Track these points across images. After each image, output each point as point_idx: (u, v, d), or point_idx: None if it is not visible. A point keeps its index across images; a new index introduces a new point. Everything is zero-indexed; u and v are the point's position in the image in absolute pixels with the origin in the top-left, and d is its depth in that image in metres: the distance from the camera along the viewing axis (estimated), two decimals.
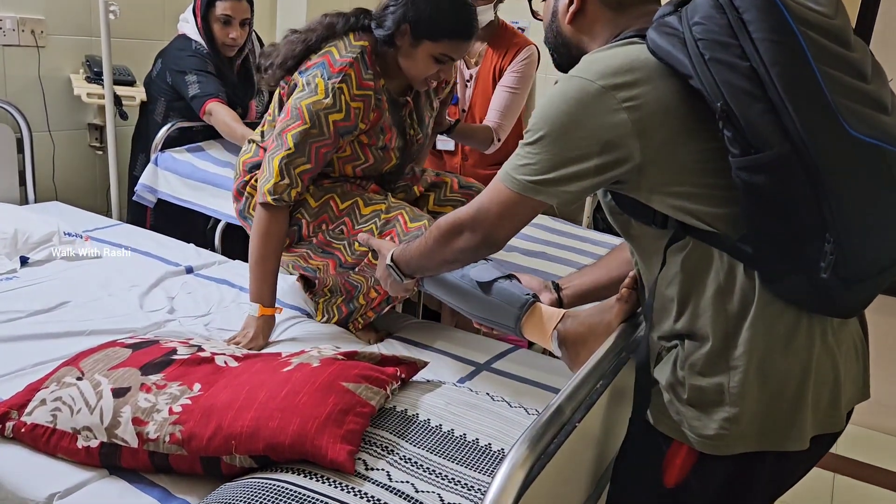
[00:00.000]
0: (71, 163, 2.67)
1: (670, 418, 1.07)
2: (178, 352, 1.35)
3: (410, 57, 1.64)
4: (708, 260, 1.02)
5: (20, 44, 2.42)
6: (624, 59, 1.00)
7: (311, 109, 1.60)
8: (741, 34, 0.91)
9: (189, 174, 2.35)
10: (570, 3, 1.13)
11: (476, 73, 2.34)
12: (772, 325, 1.00)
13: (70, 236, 2.10)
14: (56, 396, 1.23)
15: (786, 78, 0.89)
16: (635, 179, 1.01)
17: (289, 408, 1.14)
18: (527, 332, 1.38)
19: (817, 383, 1.03)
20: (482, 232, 1.13)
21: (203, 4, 2.36)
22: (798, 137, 0.88)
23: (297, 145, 1.61)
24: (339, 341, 1.70)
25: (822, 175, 0.89)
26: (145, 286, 1.88)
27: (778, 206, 0.93)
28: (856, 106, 0.92)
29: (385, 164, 1.77)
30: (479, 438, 1.22)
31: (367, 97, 1.65)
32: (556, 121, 1.01)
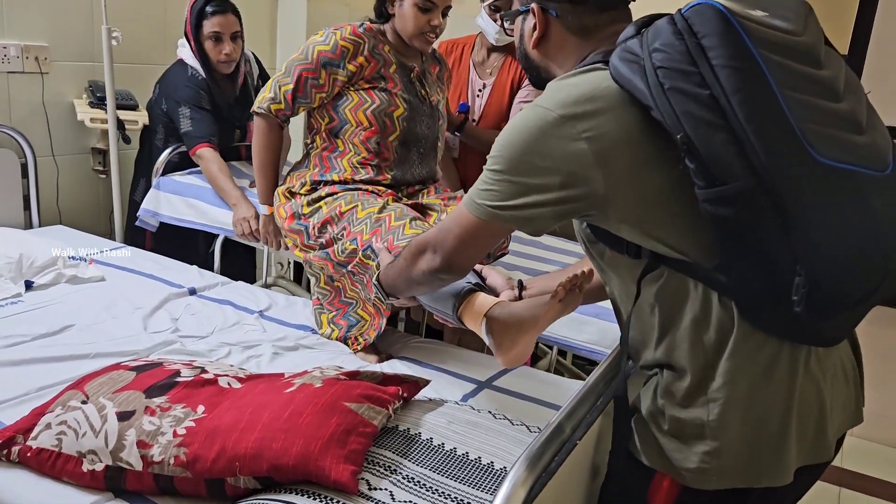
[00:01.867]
0: (74, 187, 2.69)
1: (653, 449, 1.04)
2: (181, 374, 1.36)
3: (401, 17, 1.89)
4: (683, 290, 0.99)
5: (24, 70, 2.46)
6: (585, 87, 0.98)
7: (306, 45, 1.91)
8: (700, 61, 0.88)
9: (192, 194, 2.37)
10: (534, 28, 1.11)
11: (492, 83, 2.38)
12: (751, 357, 0.97)
13: (74, 260, 2.11)
14: (61, 420, 1.24)
15: (747, 106, 0.86)
16: (601, 210, 0.99)
17: (292, 429, 1.15)
18: (465, 318, 1.40)
19: (801, 414, 0.99)
20: (442, 254, 1.13)
21: (193, 27, 2.39)
22: (762, 168, 0.85)
23: (287, 68, 1.91)
24: (343, 358, 1.71)
25: (789, 206, 0.85)
26: (149, 308, 1.90)
27: (746, 237, 0.90)
28: (825, 129, 0.88)
29: (392, 107, 1.92)
30: (481, 457, 1.23)
31: (357, 42, 1.89)
32: (517, 150, 1.00)
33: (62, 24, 2.55)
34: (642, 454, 1.05)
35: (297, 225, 1.91)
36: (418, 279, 1.22)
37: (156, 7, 2.82)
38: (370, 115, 1.89)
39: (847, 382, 1.06)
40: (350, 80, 1.89)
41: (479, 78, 2.43)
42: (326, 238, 1.83)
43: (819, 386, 1.01)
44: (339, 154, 1.92)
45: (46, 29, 2.51)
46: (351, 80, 1.89)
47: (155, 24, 2.81)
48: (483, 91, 2.42)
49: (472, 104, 2.43)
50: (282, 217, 1.96)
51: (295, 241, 1.93)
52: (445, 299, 1.40)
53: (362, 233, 1.75)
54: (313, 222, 1.86)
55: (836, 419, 1.04)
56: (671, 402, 1.02)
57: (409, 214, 1.75)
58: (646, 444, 1.05)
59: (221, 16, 2.38)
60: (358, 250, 1.74)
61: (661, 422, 1.03)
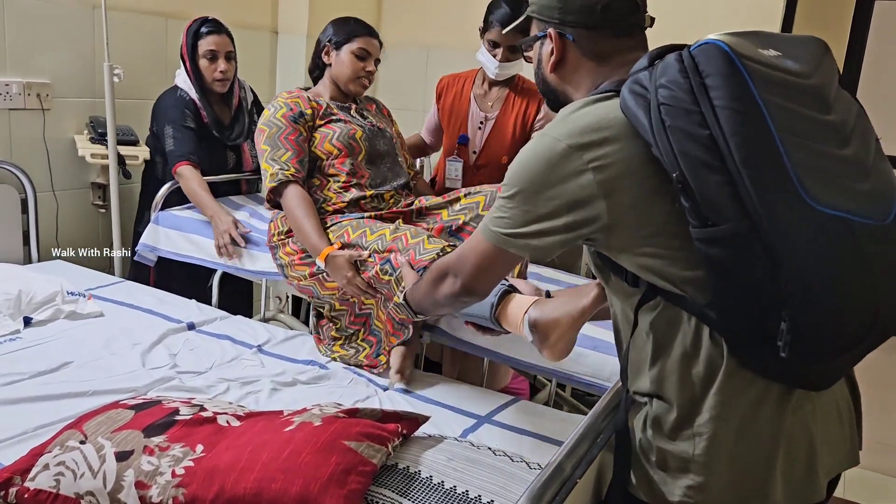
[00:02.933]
0: (74, 222, 2.70)
1: (642, 480, 1.06)
2: (180, 412, 1.36)
3: (339, 63, 2.16)
4: (677, 322, 1.00)
5: (26, 107, 2.48)
6: (594, 117, 1.00)
7: (264, 123, 2.11)
8: (703, 100, 0.89)
9: (189, 228, 2.38)
10: (551, 53, 1.14)
11: (495, 117, 2.43)
12: (739, 394, 0.97)
13: (73, 295, 2.11)
14: (59, 461, 1.24)
15: (745, 149, 0.87)
16: (604, 238, 1.01)
17: (291, 469, 1.15)
18: (502, 320, 1.41)
19: (789, 454, 0.99)
20: (462, 279, 1.16)
21: (189, 48, 2.48)
22: (755, 212, 0.86)
23: (270, 144, 2.06)
24: (342, 392, 1.71)
25: (778, 251, 0.87)
26: (147, 344, 1.89)
27: (737, 279, 0.91)
28: (824, 175, 0.89)
29: (352, 131, 2.12)
30: (481, 495, 1.22)
31: (296, 97, 2.12)
32: (526, 178, 1.03)
33: (64, 62, 2.58)
34: (634, 484, 1.07)
35: (307, 258, 2.00)
36: (442, 302, 1.24)
37: (157, 43, 2.86)
38: (336, 142, 2.09)
39: (841, 423, 1.06)
40: (312, 122, 2.11)
41: (480, 111, 2.46)
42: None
43: (808, 427, 1.01)
44: (319, 188, 2.10)
45: (48, 66, 2.54)
46: (312, 122, 2.11)
47: (156, 61, 2.85)
48: (485, 124, 2.45)
49: (473, 137, 2.46)
50: (288, 256, 2.05)
51: (303, 274, 2.01)
52: (480, 304, 1.40)
53: (376, 251, 1.85)
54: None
55: (827, 460, 1.04)
56: (659, 434, 1.03)
57: (423, 233, 1.86)
58: (637, 474, 1.06)
59: (216, 35, 2.50)
60: (375, 264, 1.83)
61: (650, 453, 1.04)
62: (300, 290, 2.08)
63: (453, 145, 2.48)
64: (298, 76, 3.36)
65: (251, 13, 3.25)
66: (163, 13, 2.86)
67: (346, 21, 2.20)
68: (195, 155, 2.44)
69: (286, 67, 3.41)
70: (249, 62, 3.09)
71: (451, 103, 2.51)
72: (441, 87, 2.57)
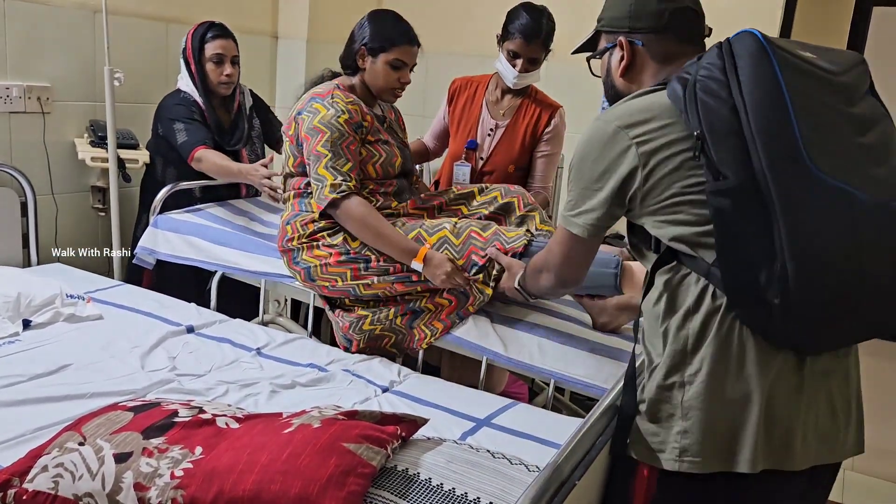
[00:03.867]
0: (73, 225, 2.71)
1: (635, 438, 1.16)
2: (179, 414, 1.36)
3: (373, 72, 2.04)
4: (687, 283, 1.13)
5: (26, 110, 2.49)
6: (642, 102, 1.16)
7: (323, 123, 1.95)
8: (731, 77, 1.02)
9: (189, 231, 2.38)
10: (621, 59, 1.27)
11: (506, 125, 2.44)
12: (726, 349, 1.09)
13: (72, 298, 2.12)
14: (58, 462, 1.23)
15: (761, 119, 0.99)
16: (638, 204, 1.15)
17: (290, 470, 1.15)
18: (626, 286, 1.70)
19: (768, 415, 1.08)
20: (554, 272, 1.34)
21: (195, 51, 2.50)
22: (760, 172, 0.98)
23: (332, 150, 1.94)
24: (342, 394, 1.71)
25: (775, 206, 0.97)
26: (146, 347, 1.89)
27: (737, 231, 1.03)
28: (833, 151, 1.00)
29: (393, 158, 2.08)
30: (480, 497, 1.22)
31: (356, 103, 2.02)
32: (583, 161, 1.19)
33: (65, 65, 2.59)
34: (629, 447, 1.16)
35: (347, 260, 1.98)
36: (545, 292, 1.51)
37: (157, 48, 2.87)
38: (378, 167, 2.04)
39: (833, 416, 1.13)
40: (364, 136, 2.02)
41: (491, 118, 2.46)
42: (396, 265, 1.94)
43: (792, 399, 1.09)
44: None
45: (49, 70, 2.55)
46: (364, 136, 2.02)
47: (156, 65, 2.86)
48: (495, 131, 2.45)
49: (482, 143, 2.47)
50: (318, 259, 2.00)
51: (339, 276, 1.99)
52: (600, 275, 1.69)
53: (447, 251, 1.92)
54: (374, 253, 1.95)
55: (810, 444, 1.11)
56: (652, 385, 1.14)
57: (484, 224, 1.95)
58: (633, 435, 1.16)
59: (223, 39, 2.53)
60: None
61: (642, 406, 1.16)
62: (330, 292, 2.04)
63: (461, 149, 2.48)
64: (298, 81, 3.35)
65: (251, 18, 3.26)
66: (163, 18, 2.87)
67: (385, 22, 2.05)
68: (209, 140, 2.47)
69: (286, 72, 3.42)
70: (249, 67, 3.09)
71: (462, 107, 2.51)
72: (453, 89, 2.56)
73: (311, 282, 2.05)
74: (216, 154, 2.44)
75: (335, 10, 3.45)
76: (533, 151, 2.46)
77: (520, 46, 2.27)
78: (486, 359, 1.92)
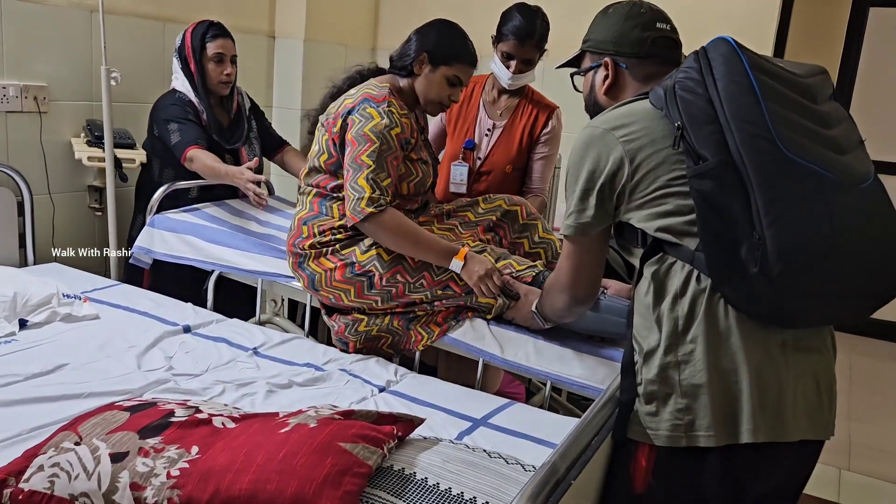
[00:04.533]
0: (70, 224, 2.70)
1: (635, 421, 1.22)
2: (175, 414, 1.36)
3: (428, 81, 1.98)
4: (673, 271, 1.20)
5: (23, 110, 2.49)
6: (624, 109, 1.27)
7: (374, 132, 1.87)
8: (707, 75, 1.13)
9: (185, 230, 2.38)
10: (605, 78, 1.38)
11: (503, 125, 2.44)
12: (714, 327, 1.16)
13: (69, 298, 2.11)
14: (54, 462, 1.23)
15: (734, 107, 1.09)
16: (626, 198, 1.23)
17: (286, 470, 1.15)
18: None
19: (759, 387, 1.14)
20: (566, 290, 1.39)
21: (196, 50, 2.51)
22: (735, 151, 1.08)
23: (377, 161, 1.86)
24: (339, 394, 1.71)
25: (752, 181, 1.06)
26: (143, 346, 1.89)
27: (719, 209, 1.10)
28: (801, 139, 1.08)
29: (427, 178, 2.07)
30: (476, 497, 1.22)
31: (409, 116, 1.98)
32: (573, 165, 1.28)
33: (61, 65, 2.59)
34: (628, 429, 1.22)
35: (351, 275, 1.93)
36: (560, 313, 1.55)
37: (154, 47, 2.87)
38: (412, 186, 2.01)
39: (819, 393, 1.21)
40: (408, 152, 1.98)
41: (488, 118, 2.47)
42: (398, 287, 1.91)
43: (780, 373, 1.16)
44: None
45: (46, 69, 2.54)
46: (408, 152, 1.98)
47: (153, 64, 2.85)
48: (492, 131, 2.45)
49: (480, 142, 2.47)
50: (324, 270, 1.97)
51: (346, 293, 1.95)
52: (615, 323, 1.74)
53: (454, 280, 1.89)
54: (379, 271, 1.90)
55: (799, 417, 1.18)
56: (648, 368, 1.21)
57: (499, 254, 1.94)
58: (631, 417, 1.23)
59: (223, 39, 2.55)
60: (460, 295, 1.90)
61: (640, 389, 1.22)
62: (332, 304, 2.02)
63: (458, 150, 2.48)
64: (296, 80, 3.37)
65: (249, 17, 3.26)
66: (160, 17, 2.87)
67: (454, 36, 1.99)
68: (203, 140, 2.48)
69: (283, 72, 3.42)
70: (247, 66, 3.10)
71: (459, 107, 2.51)
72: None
73: (314, 290, 2.02)
74: (207, 155, 2.45)
75: (332, 9, 3.45)
76: (530, 152, 2.46)
77: (513, 48, 2.28)
78: (482, 360, 1.93)
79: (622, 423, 1.24)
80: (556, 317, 1.62)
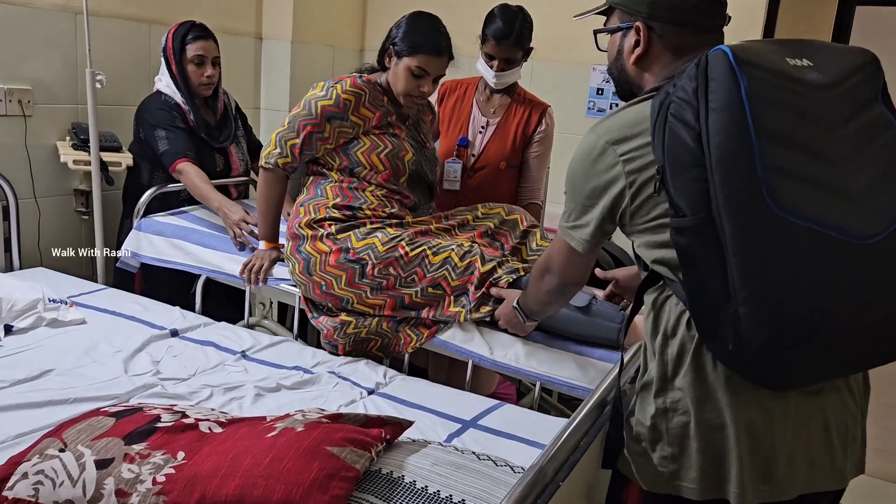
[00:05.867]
0: (56, 229, 2.68)
1: (623, 457, 1.17)
2: (161, 419, 1.35)
3: (395, 74, 2.00)
4: (668, 305, 1.12)
5: (7, 113, 2.46)
6: (630, 116, 1.13)
7: (306, 100, 2.01)
8: (701, 101, 0.96)
9: (173, 234, 2.37)
10: (635, 45, 1.20)
11: (496, 123, 2.46)
12: (702, 378, 1.08)
13: (55, 303, 2.09)
14: (38, 469, 1.22)
15: (721, 150, 0.93)
16: (628, 221, 1.15)
17: (273, 474, 1.14)
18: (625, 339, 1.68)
19: (749, 447, 1.05)
20: (557, 275, 1.34)
21: (176, 52, 2.49)
22: (717, 211, 0.93)
23: (290, 123, 2.02)
24: (327, 397, 1.70)
25: (731, 246, 0.92)
26: (130, 351, 1.88)
27: (697, 269, 1.00)
28: (799, 188, 0.93)
29: (402, 152, 2.05)
30: (465, 500, 1.22)
31: (358, 94, 1.99)
32: (577, 175, 1.19)
33: (46, 68, 2.56)
34: (619, 463, 1.18)
35: (344, 261, 1.94)
36: (546, 299, 1.46)
37: (140, 49, 2.85)
38: (384, 157, 2.02)
39: (828, 440, 1.08)
40: (357, 130, 2.01)
41: (482, 116, 2.50)
42: (389, 280, 1.92)
43: (773, 427, 1.06)
44: (359, 186, 2.03)
45: (30, 72, 2.52)
46: (358, 130, 2.01)
47: (139, 67, 2.83)
48: (486, 129, 2.49)
49: (473, 140, 2.50)
50: (320, 252, 1.98)
51: (338, 279, 1.96)
52: (603, 330, 1.76)
53: (446, 279, 1.90)
54: (372, 261, 1.92)
55: (798, 471, 1.07)
56: (641, 407, 1.15)
57: (492, 258, 1.91)
58: (621, 451, 1.18)
59: (204, 41, 2.52)
60: (448, 295, 1.90)
61: (632, 423, 1.17)
62: (323, 293, 1.99)
63: (452, 147, 2.51)
64: (283, 82, 3.35)
65: (235, 18, 3.24)
66: (146, 19, 2.84)
67: (419, 25, 1.99)
68: (191, 151, 2.46)
69: (271, 73, 3.40)
70: (234, 68, 3.09)
71: (452, 106, 2.54)
72: (443, 91, 2.59)
73: (307, 275, 2.02)
74: (199, 174, 2.43)
75: (320, 10, 3.43)
76: (524, 151, 2.49)
77: (493, 48, 2.31)
78: (471, 361, 1.92)
79: (610, 455, 1.20)
80: (543, 304, 1.51)
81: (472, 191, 2.45)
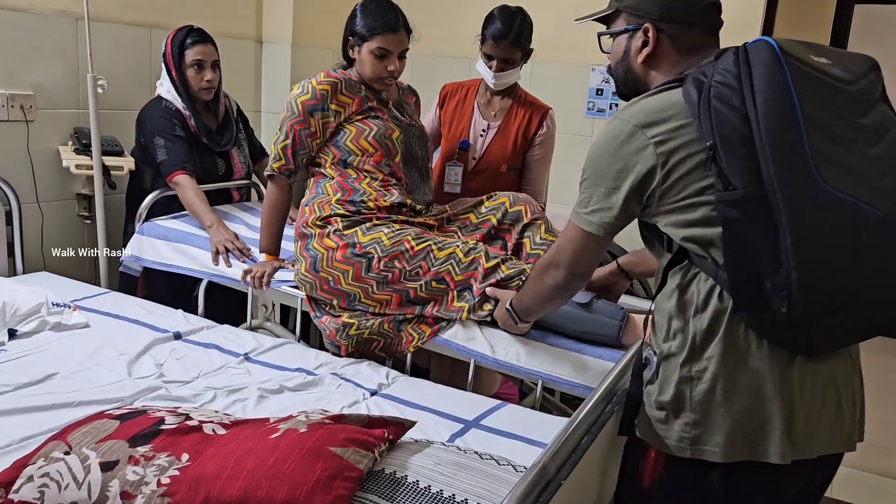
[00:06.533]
0: (59, 233, 2.69)
1: (645, 423, 1.22)
2: (165, 421, 1.36)
3: (360, 61, 2.06)
4: (696, 282, 1.16)
5: (9, 119, 2.47)
6: (658, 101, 1.16)
7: (288, 101, 2.07)
8: (746, 85, 1.03)
9: (175, 238, 2.38)
10: (643, 45, 1.25)
11: (497, 126, 2.47)
12: (733, 347, 1.13)
13: (58, 307, 2.10)
14: (43, 472, 1.23)
15: (772, 130, 1.00)
16: (655, 203, 1.17)
17: (277, 476, 1.15)
18: (625, 338, 1.76)
19: (784, 409, 1.12)
20: (564, 268, 1.33)
21: (175, 57, 2.50)
22: (769, 182, 1.00)
23: (280, 128, 2.07)
24: (330, 398, 1.71)
25: (782, 217, 0.99)
26: (133, 354, 1.88)
27: (744, 240, 1.04)
28: (842, 166, 1.01)
29: (389, 131, 2.07)
30: (467, 499, 1.22)
31: (333, 83, 2.04)
32: (599, 159, 1.20)
33: (48, 73, 2.57)
34: (639, 428, 1.22)
35: (351, 255, 1.96)
36: (549, 295, 1.44)
37: (141, 54, 2.86)
38: (372, 140, 2.04)
39: (839, 408, 1.17)
40: (339, 118, 2.04)
41: (482, 118, 2.51)
42: (395, 273, 1.93)
43: (803, 392, 1.13)
44: (355, 180, 2.06)
45: (32, 77, 2.53)
46: (340, 118, 2.04)
47: (140, 71, 2.84)
48: (487, 132, 2.49)
49: (475, 143, 2.51)
50: (327, 249, 1.99)
51: (345, 274, 1.97)
52: (603, 327, 1.78)
53: (450, 273, 1.91)
54: (378, 254, 1.94)
55: (821, 433, 1.15)
56: (661, 376, 1.19)
57: (497, 255, 1.92)
58: (641, 419, 1.23)
59: (203, 45, 2.52)
60: (451, 290, 1.91)
61: (651, 392, 1.21)
62: (330, 289, 2.00)
63: (453, 150, 2.52)
64: (284, 85, 3.36)
65: (235, 22, 3.25)
66: (147, 24, 2.86)
67: (370, 9, 2.03)
68: (189, 163, 2.46)
69: (271, 76, 3.41)
70: (234, 72, 3.10)
71: (453, 109, 2.55)
72: (444, 93, 2.61)
73: (314, 272, 2.02)
74: (194, 188, 2.43)
75: (319, 13, 3.44)
76: (525, 153, 2.49)
77: (492, 49, 2.32)
78: (473, 361, 1.93)
79: (629, 422, 1.25)
80: (543, 301, 1.50)
81: (473, 194, 2.44)
